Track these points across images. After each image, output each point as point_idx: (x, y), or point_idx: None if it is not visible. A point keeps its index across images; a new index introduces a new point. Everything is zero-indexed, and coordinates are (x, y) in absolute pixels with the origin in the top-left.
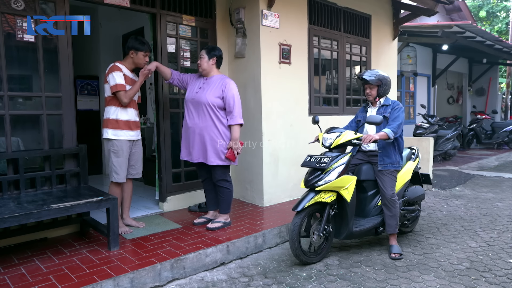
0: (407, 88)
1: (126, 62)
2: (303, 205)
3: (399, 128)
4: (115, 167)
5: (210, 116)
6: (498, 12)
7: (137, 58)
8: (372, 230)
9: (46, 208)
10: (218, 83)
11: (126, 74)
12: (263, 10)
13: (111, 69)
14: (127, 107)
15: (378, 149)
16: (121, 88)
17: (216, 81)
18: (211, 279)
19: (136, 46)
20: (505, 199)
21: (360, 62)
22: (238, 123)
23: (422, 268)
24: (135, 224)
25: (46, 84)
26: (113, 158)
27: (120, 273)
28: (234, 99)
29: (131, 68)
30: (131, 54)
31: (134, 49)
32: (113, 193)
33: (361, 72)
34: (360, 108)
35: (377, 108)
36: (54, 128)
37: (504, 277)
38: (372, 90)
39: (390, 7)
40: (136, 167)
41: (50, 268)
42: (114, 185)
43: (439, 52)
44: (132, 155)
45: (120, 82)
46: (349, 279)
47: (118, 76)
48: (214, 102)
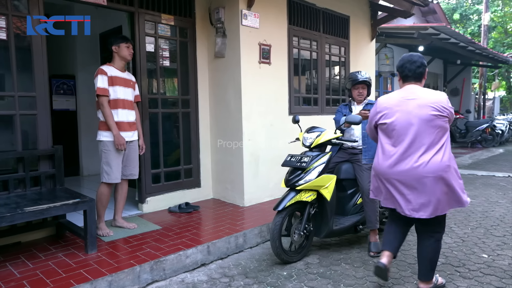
0: (385, 88)
1: (114, 62)
2: (283, 205)
3: None
4: (106, 168)
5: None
6: (471, 15)
7: (121, 51)
8: (352, 228)
9: (19, 211)
10: None
11: (115, 76)
12: (243, 10)
13: (96, 73)
14: (117, 109)
15: (363, 144)
16: (100, 92)
17: None
18: (192, 280)
19: (117, 40)
20: (478, 196)
21: (339, 63)
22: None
23: (400, 264)
24: (126, 226)
25: (19, 83)
26: (104, 158)
27: (97, 277)
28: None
29: (121, 67)
30: (115, 49)
31: (116, 44)
32: (101, 193)
33: (359, 75)
34: (341, 106)
35: (363, 106)
36: (28, 128)
37: (477, 271)
38: (364, 90)
39: (368, 8)
40: (130, 168)
41: (24, 273)
42: (104, 185)
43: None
44: (125, 155)
45: (101, 86)
46: (329, 277)
47: (100, 80)
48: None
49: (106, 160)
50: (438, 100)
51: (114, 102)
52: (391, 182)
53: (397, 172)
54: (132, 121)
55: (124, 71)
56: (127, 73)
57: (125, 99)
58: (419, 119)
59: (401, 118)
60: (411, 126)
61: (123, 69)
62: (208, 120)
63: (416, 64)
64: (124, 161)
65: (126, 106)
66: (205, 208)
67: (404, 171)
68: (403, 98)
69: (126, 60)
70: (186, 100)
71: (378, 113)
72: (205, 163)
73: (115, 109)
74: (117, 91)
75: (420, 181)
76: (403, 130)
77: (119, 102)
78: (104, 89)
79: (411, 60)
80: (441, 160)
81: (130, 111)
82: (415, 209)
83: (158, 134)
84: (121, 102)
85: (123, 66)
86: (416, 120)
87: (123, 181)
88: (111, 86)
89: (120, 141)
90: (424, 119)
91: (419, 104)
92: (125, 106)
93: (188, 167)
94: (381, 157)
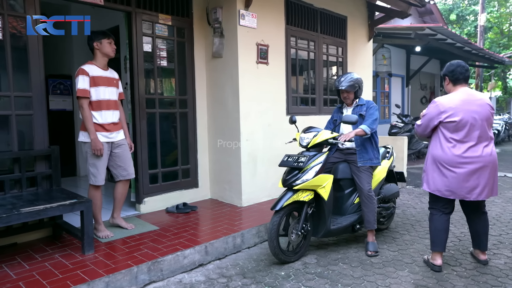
0: (382, 88)
1: (96, 60)
2: (281, 205)
3: (374, 123)
4: (92, 170)
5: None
6: (467, 15)
7: (103, 47)
8: (349, 228)
9: (15, 212)
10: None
11: (98, 75)
12: (240, 10)
13: (77, 73)
14: (101, 110)
15: (356, 146)
16: (80, 93)
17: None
18: (189, 281)
19: (98, 36)
20: None
21: (336, 63)
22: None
23: (397, 264)
24: (124, 225)
25: (15, 83)
26: (90, 160)
27: (95, 277)
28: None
29: (103, 64)
30: (96, 46)
31: (97, 40)
32: (92, 196)
33: (338, 83)
34: (335, 109)
35: (353, 107)
36: (24, 129)
37: (473, 271)
38: (349, 94)
39: (365, 9)
40: (125, 168)
41: (20, 274)
42: (92, 188)
43: (413, 54)
44: (116, 156)
45: (81, 87)
46: (326, 276)
47: (81, 80)
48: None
49: (93, 162)
50: (489, 101)
51: (98, 104)
52: (459, 168)
53: (470, 160)
54: (117, 121)
55: (106, 69)
56: (110, 70)
57: (109, 99)
58: (482, 116)
59: (467, 116)
60: (476, 122)
61: (106, 66)
62: (206, 120)
63: (465, 68)
64: (118, 162)
65: (110, 107)
66: (202, 208)
67: (476, 158)
68: (465, 99)
69: (108, 57)
70: (184, 100)
71: (443, 112)
72: (203, 163)
73: (99, 111)
74: (100, 92)
75: (484, 168)
76: (471, 126)
77: (102, 103)
78: (85, 90)
79: (461, 65)
80: (494, 152)
81: (115, 111)
82: (479, 193)
83: (156, 134)
84: (105, 103)
85: (106, 64)
86: (480, 117)
87: (121, 181)
88: (94, 87)
89: (97, 146)
90: (485, 116)
91: (480, 104)
92: (109, 106)
93: (186, 167)
94: (451, 149)
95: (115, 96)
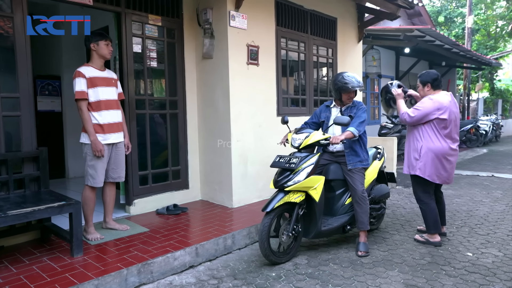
0: (372, 90)
1: (92, 62)
2: (272, 206)
3: (361, 125)
4: (91, 171)
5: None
6: (455, 17)
7: (100, 49)
8: (340, 229)
9: (2, 214)
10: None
11: (94, 76)
12: (231, 11)
13: (74, 76)
14: (101, 110)
15: (345, 149)
16: (78, 96)
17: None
18: (180, 283)
19: (95, 37)
20: (463, 195)
21: (326, 64)
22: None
23: (387, 264)
24: (118, 227)
25: (2, 84)
26: (89, 161)
27: (83, 280)
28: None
29: (100, 65)
30: (93, 47)
31: (94, 41)
32: (87, 197)
33: (351, 83)
34: (321, 107)
35: (345, 108)
36: (11, 130)
37: (462, 270)
38: (353, 94)
39: (355, 10)
40: (117, 171)
41: (6, 278)
42: (88, 188)
43: (402, 55)
44: (113, 159)
45: (78, 89)
46: (317, 277)
47: (77, 83)
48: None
49: (92, 164)
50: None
51: (97, 104)
52: (448, 160)
53: (453, 152)
54: (119, 121)
55: (103, 70)
56: (107, 71)
57: (108, 99)
58: (458, 116)
59: (452, 114)
60: (456, 121)
61: (102, 67)
62: (196, 121)
63: (440, 77)
64: (112, 164)
65: (110, 107)
66: (193, 209)
67: (456, 151)
68: (450, 100)
69: (105, 59)
70: (174, 101)
71: (439, 109)
72: (193, 165)
73: (99, 111)
74: (98, 92)
75: (455, 160)
76: (454, 123)
77: (101, 103)
78: (82, 92)
79: (439, 74)
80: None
81: (116, 111)
82: (452, 178)
83: (146, 136)
84: (104, 103)
85: (102, 65)
86: (457, 117)
87: (110, 184)
88: (91, 88)
89: (98, 147)
90: (459, 117)
91: (457, 106)
92: (109, 106)
93: (176, 168)
94: (444, 141)
95: (114, 95)
